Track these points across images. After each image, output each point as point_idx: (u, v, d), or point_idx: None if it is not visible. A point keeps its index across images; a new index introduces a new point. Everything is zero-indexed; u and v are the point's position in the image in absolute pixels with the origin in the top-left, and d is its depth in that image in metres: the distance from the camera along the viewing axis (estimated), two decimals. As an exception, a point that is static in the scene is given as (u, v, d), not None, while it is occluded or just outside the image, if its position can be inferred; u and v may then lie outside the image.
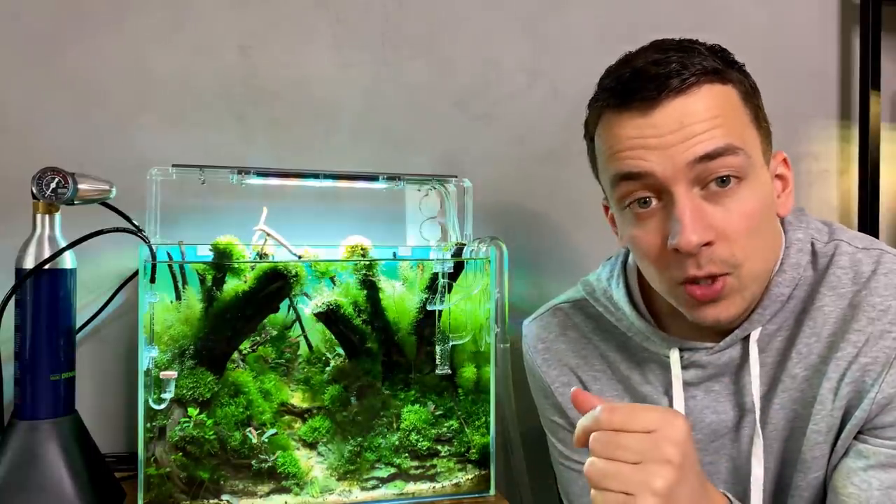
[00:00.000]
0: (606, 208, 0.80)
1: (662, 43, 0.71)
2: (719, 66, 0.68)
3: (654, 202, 0.69)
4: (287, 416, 0.88)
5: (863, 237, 0.76)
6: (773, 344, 0.75)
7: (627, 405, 0.61)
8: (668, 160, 0.66)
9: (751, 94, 0.71)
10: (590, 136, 0.76)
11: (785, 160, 0.75)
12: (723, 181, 0.66)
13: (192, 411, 0.84)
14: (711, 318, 0.70)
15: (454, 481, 0.93)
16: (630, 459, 0.57)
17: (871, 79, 1.31)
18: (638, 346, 0.81)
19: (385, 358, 0.91)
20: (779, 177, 0.74)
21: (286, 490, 0.87)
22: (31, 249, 0.85)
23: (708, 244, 0.66)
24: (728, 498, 0.65)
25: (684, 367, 0.77)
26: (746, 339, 0.74)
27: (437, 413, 0.93)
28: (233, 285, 0.86)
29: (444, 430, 0.93)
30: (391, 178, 0.97)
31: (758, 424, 0.73)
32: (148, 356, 0.82)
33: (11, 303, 0.85)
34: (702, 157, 0.65)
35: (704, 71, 0.67)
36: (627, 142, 0.68)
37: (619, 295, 0.81)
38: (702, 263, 0.67)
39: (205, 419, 0.84)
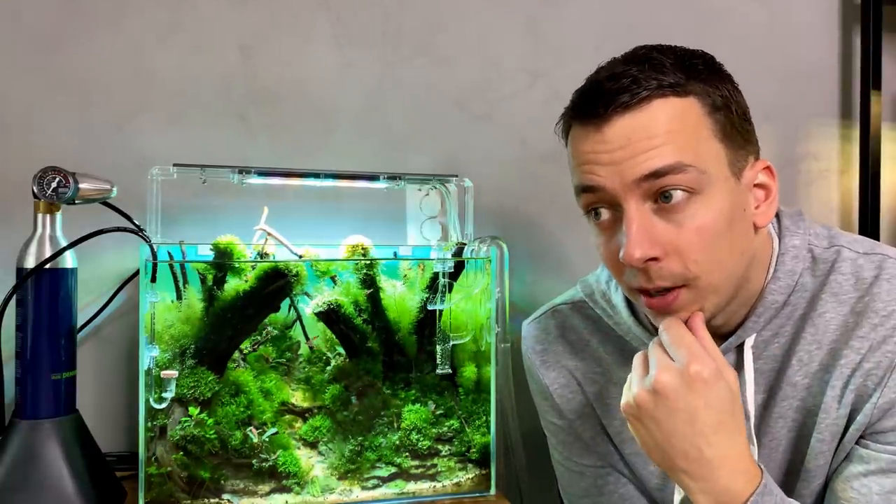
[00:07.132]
0: None
1: (631, 54, 0.70)
2: (680, 79, 0.67)
3: (608, 214, 0.69)
4: (288, 416, 0.88)
5: (864, 241, 0.75)
6: (770, 351, 0.74)
7: None
8: (616, 176, 0.66)
9: (719, 107, 0.68)
10: (565, 145, 0.76)
11: (768, 168, 0.72)
12: (665, 197, 0.65)
13: (193, 410, 0.84)
14: None
15: (455, 481, 0.93)
16: None
17: (871, 78, 1.31)
18: (636, 350, 0.80)
19: (386, 357, 0.91)
20: (760, 186, 0.71)
21: (287, 489, 0.87)
22: (32, 249, 0.85)
23: (655, 259, 0.66)
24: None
25: None
26: (741, 346, 0.73)
27: (438, 412, 0.93)
28: (234, 285, 0.86)
29: (445, 429, 0.93)
30: (392, 177, 0.97)
31: (752, 432, 0.72)
32: (149, 355, 0.82)
33: (12, 302, 0.85)
34: (648, 174, 0.65)
35: (659, 86, 0.66)
36: (584, 155, 0.68)
37: (617, 298, 0.81)
38: (651, 277, 0.67)
39: (205, 418, 0.84)
